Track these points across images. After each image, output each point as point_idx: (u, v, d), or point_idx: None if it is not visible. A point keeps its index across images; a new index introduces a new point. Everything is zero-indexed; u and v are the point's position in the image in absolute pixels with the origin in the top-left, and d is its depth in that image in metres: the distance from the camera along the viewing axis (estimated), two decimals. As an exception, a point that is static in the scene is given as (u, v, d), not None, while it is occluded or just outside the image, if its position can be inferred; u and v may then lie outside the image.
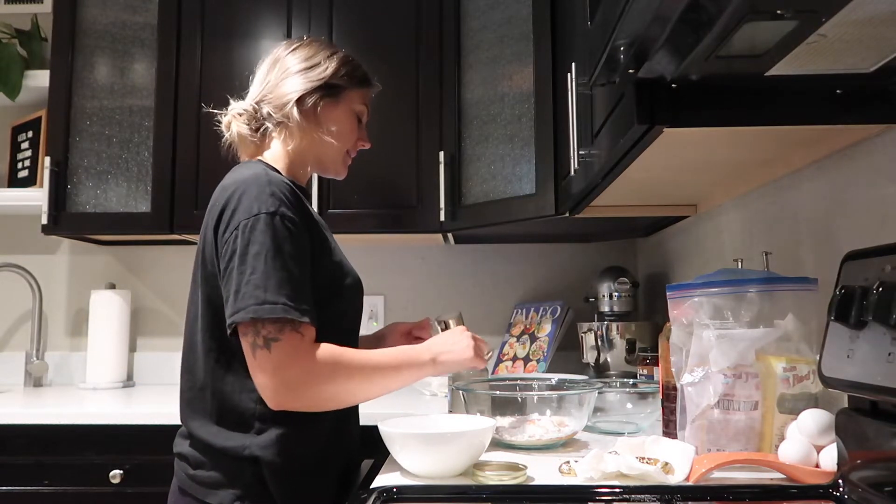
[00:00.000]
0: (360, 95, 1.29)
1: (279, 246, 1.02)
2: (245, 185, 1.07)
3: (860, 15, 0.69)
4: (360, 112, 1.30)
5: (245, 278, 1.01)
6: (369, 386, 1.09)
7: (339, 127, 1.25)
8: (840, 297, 0.83)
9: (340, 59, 1.26)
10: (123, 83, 2.15)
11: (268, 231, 1.02)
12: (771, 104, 0.94)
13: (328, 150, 1.25)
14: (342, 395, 1.07)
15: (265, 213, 1.03)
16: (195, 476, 1.07)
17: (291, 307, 1.00)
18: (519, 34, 1.88)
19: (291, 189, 1.10)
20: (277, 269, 1.01)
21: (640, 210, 1.74)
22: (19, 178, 2.37)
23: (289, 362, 1.00)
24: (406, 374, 1.12)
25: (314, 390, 1.03)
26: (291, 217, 1.05)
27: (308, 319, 1.02)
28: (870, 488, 0.79)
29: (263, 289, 1.00)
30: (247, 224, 1.03)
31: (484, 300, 2.43)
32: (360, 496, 0.91)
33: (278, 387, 1.01)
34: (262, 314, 0.99)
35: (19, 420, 1.74)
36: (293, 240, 1.04)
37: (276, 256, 1.02)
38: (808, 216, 1.21)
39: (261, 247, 1.02)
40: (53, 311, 2.45)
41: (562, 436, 1.23)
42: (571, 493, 0.93)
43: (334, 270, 1.15)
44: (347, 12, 2.14)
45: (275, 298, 1.00)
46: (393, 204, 2.10)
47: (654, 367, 1.51)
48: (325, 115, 1.23)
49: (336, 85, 1.24)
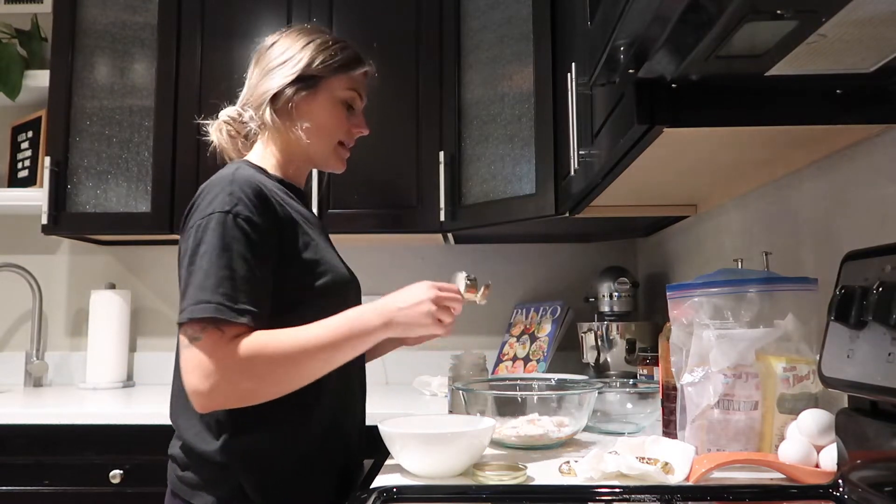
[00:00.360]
0: (343, 82, 1.22)
1: (227, 245, 1.00)
2: (210, 185, 1.07)
3: (860, 15, 0.69)
4: (348, 98, 1.23)
5: (191, 279, 1.00)
6: (300, 373, 1.02)
7: (320, 120, 1.20)
8: (840, 297, 0.83)
9: (316, 47, 1.20)
10: (123, 83, 2.15)
11: (217, 230, 1.01)
12: (771, 104, 0.94)
13: (314, 146, 1.21)
14: (268, 388, 1.01)
15: (218, 213, 1.02)
16: (183, 477, 1.07)
17: (225, 306, 0.97)
18: (519, 34, 1.88)
19: (258, 188, 1.06)
20: (220, 267, 0.99)
21: (640, 210, 1.74)
22: (19, 178, 2.37)
23: (205, 362, 0.96)
24: (350, 346, 1.05)
25: (234, 387, 0.98)
26: (247, 216, 1.02)
27: (245, 320, 0.98)
28: (870, 488, 0.79)
29: (201, 288, 0.98)
30: (200, 224, 1.02)
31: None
32: (360, 496, 0.91)
33: (197, 387, 0.97)
34: (195, 314, 0.97)
35: (19, 420, 1.74)
36: (246, 239, 1.01)
37: (220, 255, 0.99)
38: (808, 216, 1.21)
39: (208, 246, 1.00)
40: (53, 311, 2.45)
41: (562, 436, 1.23)
42: (571, 493, 0.93)
43: (308, 269, 1.11)
44: (347, 12, 2.14)
45: (209, 297, 0.97)
46: (393, 204, 2.10)
47: (654, 367, 1.51)
48: (303, 109, 1.19)
49: (311, 76, 1.19)
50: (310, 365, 1.03)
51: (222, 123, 1.22)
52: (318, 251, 1.14)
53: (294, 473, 1.07)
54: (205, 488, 1.04)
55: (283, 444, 1.07)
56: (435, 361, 2.33)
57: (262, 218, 1.04)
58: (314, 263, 1.12)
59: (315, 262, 1.12)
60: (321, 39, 1.21)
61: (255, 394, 1.01)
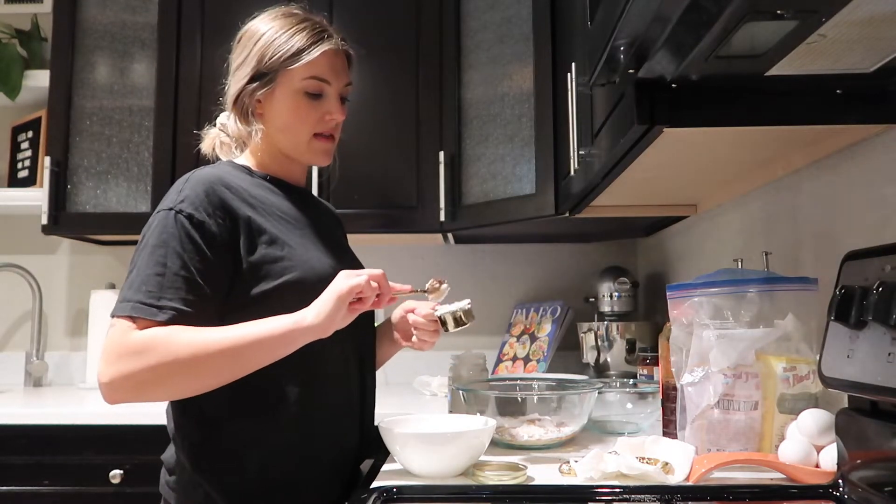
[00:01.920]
0: (301, 70, 1.13)
1: (163, 242, 1.00)
2: (172, 186, 1.08)
3: (860, 15, 0.69)
4: (309, 87, 1.14)
5: (127, 276, 1.02)
6: (202, 365, 0.96)
7: (282, 116, 1.15)
8: (840, 297, 0.83)
9: (266, 41, 1.13)
10: (123, 83, 2.15)
11: (157, 227, 1.02)
12: (771, 104, 0.94)
13: (286, 144, 1.18)
14: (164, 380, 0.96)
15: (163, 210, 1.03)
16: (168, 482, 1.10)
17: (145, 304, 0.97)
18: (519, 34, 1.88)
19: (209, 186, 1.04)
20: (152, 265, 0.99)
21: (640, 210, 1.74)
22: (19, 178, 2.37)
23: (106, 351, 0.97)
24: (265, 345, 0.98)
25: (122, 375, 0.95)
26: (189, 213, 1.01)
27: (165, 317, 0.96)
28: (870, 488, 0.79)
29: (129, 286, 0.99)
30: (150, 222, 1.04)
31: (484, 300, 2.42)
32: (360, 496, 0.91)
33: (98, 375, 0.97)
34: (116, 311, 0.99)
35: (19, 420, 1.74)
36: (185, 236, 1.00)
37: (154, 252, 1.00)
38: (808, 216, 1.21)
39: (145, 243, 1.02)
40: (53, 311, 2.45)
41: (562, 436, 1.23)
42: (571, 493, 0.93)
43: (266, 265, 1.06)
44: (347, 12, 2.13)
45: (132, 295, 0.98)
46: (393, 204, 2.10)
47: (654, 367, 1.51)
48: (265, 108, 1.16)
49: (265, 73, 1.13)
50: (212, 363, 0.97)
51: (218, 132, 1.23)
52: (286, 247, 1.08)
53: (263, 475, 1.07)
54: (187, 494, 1.06)
55: (249, 447, 1.06)
56: (435, 361, 2.33)
57: (208, 215, 1.02)
58: (276, 259, 1.07)
59: (278, 258, 1.07)
60: (274, 28, 1.14)
61: (148, 385, 0.96)
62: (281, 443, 1.07)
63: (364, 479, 1.13)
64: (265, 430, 1.07)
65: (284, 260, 1.07)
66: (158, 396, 1.02)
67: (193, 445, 1.06)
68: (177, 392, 1.02)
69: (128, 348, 0.96)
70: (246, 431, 1.06)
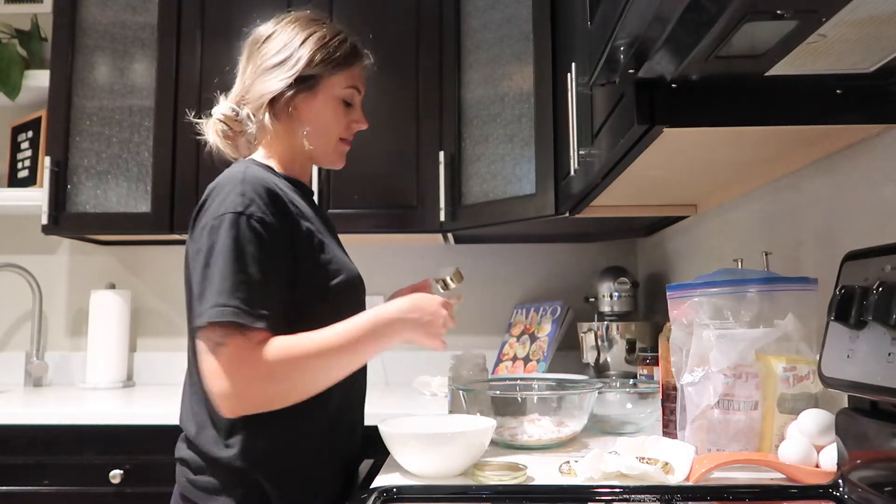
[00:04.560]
0: (342, 79, 1.19)
1: (241, 248, 0.99)
2: (221, 184, 1.05)
3: (860, 15, 0.69)
4: (346, 96, 1.20)
5: (207, 281, 0.98)
6: (325, 374, 1.03)
7: (319, 120, 1.18)
8: (840, 297, 0.83)
9: (315, 44, 1.16)
10: (123, 83, 2.15)
11: (230, 232, 0.99)
12: (771, 104, 0.94)
13: (316, 145, 1.20)
14: (293, 392, 1.02)
15: (231, 213, 1.00)
16: (196, 482, 1.05)
17: (243, 311, 0.96)
18: (519, 34, 1.88)
19: (270, 189, 1.05)
20: (236, 271, 0.98)
21: (640, 210, 1.74)
22: (19, 178, 2.37)
23: (233, 368, 0.96)
24: (370, 346, 1.06)
25: (261, 393, 0.99)
26: (260, 217, 1.01)
27: (263, 325, 0.97)
28: (870, 488, 0.79)
29: (219, 292, 0.97)
30: (213, 224, 1.01)
31: (484, 300, 2.43)
32: (360, 496, 0.91)
33: (225, 394, 0.96)
34: (214, 317, 0.96)
35: (19, 420, 1.74)
36: (259, 241, 1.00)
37: (237, 258, 0.98)
38: (808, 216, 1.21)
39: (222, 247, 0.99)
40: (53, 311, 2.45)
41: (562, 436, 1.23)
42: (571, 493, 0.93)
43: (321, 270, 1.10)
44: (347, 12, 2.14)
45: (227, 301, 0.96)
46: (393, 204, 2.10)
47: (654, 367, 1.51)
48: (302, 111, 1.17)
49: (311, 76, 1.16)
50: (333, 366, 1.03)
51: (216, 122, 1.18)
52: (330, 250, 1.13)
53: (305, 468, 1.07)
54: (221, 492, 1.03)
55: (294, 441, 1.07)
56: (435, 361, 2.33)
57: (274, 218, 1.03)
58: (328, 262, 1.11)
59: (328, 261, 1.11)
60: (319, 34, 1.18)
61: (282, 398, 1.01)
62: (320, 442, 1.10)
63: (364, 479, 1.13)
64: (307, 429, 1.08)
65: (332, 263, 1.11)
66: (284, 406, 1.02)
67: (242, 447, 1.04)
68: (300, 399, 1.04)
69: (256, 368, 0.97)
70: (288, 429, 1.06)
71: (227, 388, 0.96)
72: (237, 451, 1.03)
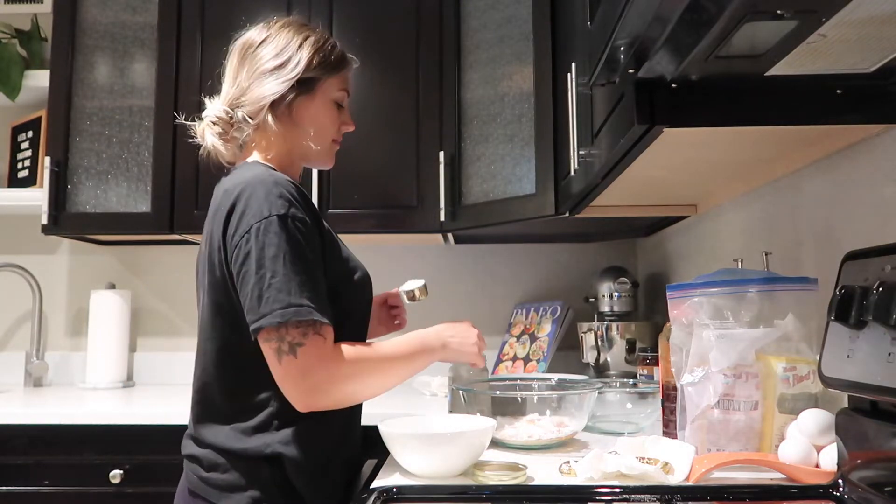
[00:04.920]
0: (337, 82, 1.22)
1: (295, 248, 1.02)
2: (251, 187, 1.05)
3: (860, 15, 0.69)
4: (339, 98, 1.23)
5: (266, 282, 1.00)
6: (387, 379, 1.11)
7: (318, 122, 1.21)
8: (840, 297, 0.83)
9: (313, 47, 1.18)
10: (123, 83, 2.15)
11: (282, 233, 1.01)
12: (771, 104, 0.94)
13: (312, 147, 1.21)
14: (365, 391, 1.10)
15: (277, 216, 1.02)
16: (208, 479, 1.06)
17: (314, 309, 1.01)
18: (519, 34, 1.88)
19: (298, 189, 1.09)
20: (297, 272, 1.01)
21: (640, 210, 1.74)
22: (19, 178, 2.37)
23: (316, 366, 1.01)
24: (419, 361, 1.15)
25: (341, 391, 1.05)
26: (302, 218, 1.05)
27: (328, 321, 1.02)
28: (870, 488, 0.79)
29: (287, 292, 0.99)
30: (259, 227, 1.02)
31: (484, 300, 2.43)
32: (360, 496, 0.91)
33: (308, 391, 1.01)
34: (288, 317, 0.98)
35: (19, 420, 1.74)
36: (306, 241, 1.04)
37: (294, 260, 1.01)
38: (808, 216, 1.21)
39: (277, 249, 1.01)
40: (53, 311, 2.45)
41: (562, 436, 1.23)
42: (571, 493, 0.93)
43: (343, 266, 1.15)
44: (347, 12, 2.14)
45: (299, 301, 1.00)
46: (393, 204, 2.10)
47: (654, 367, 1.51)
48: (301, 113, 1.19)
49: (310, 79, 1.18)
50: (393, 373, 1.12)
51: (210, 125, 1.18)
52: (344, 249, 1.18)
53: (322, 466, 1.09)
54: (241, 487, 1.04)
55: (318, 434, 1.09)
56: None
57: (310, 218, 1.08)
58: (346, 261, 1.16)
59: (348, 258, 1.17)
60: (314, 37, 1.20)
61: (357, 396, 1.09)
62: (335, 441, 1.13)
63: (364, 480, 1.14)
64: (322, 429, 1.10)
65: (351, 260, 1.18)
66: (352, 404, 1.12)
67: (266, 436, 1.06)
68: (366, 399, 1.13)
69: (339, 368, 1.04)
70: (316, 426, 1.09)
71: (311, 386, 1.01)
72: (264, 441, 1.05)
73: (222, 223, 1.06)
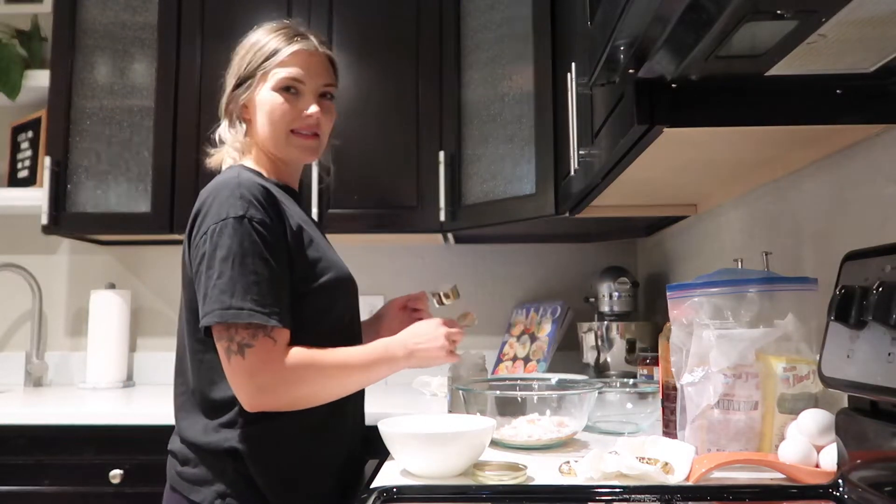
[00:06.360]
0: (276, 70, 1.18)
1: (247, 250, 1.03)
2: (217, 189, 1.08)
3: (860, 15, 0.69)
4: (284, 83, 1.18)
5: (212, 282, 1.02)
6: (342, 386, 1.11)
7: (262, 111, 1.19)
8: (840, 297, 0.83)
9: (247, 49, 1.21)
10: (123, 83, 2.15)
11: (235, 235, 1.03)
12: (771, 104, 0.94)
13: (269, 141, 1.20)
14: (319, 394, 1.09)
15: (233, 218, 1.04)
16: (182, 473, 1.09)
17: (258, 311, 1.01)
18: (519, 34, 1.88)
19: (264, 190, 1.09)
20: (245, 273, 1.02)
21: (640, 210, 1.74)
22: (19, 178, 2.37)
23: (262, 367, 1.02)
24: (380, 370, 1.14)
25: (289, 394, 1.05)
26: (261, 219, 1.06)
27: (277, 322, 1.03)
28: (870, 488, 0.79)
29: (230, 294, 1.01)
30: (215, 228, 1.04)
31: (484, 300, 2.42)
32: (360, 496, 0.91)
33: (253, 391, 1.03)
34: (227, 318, 1.01)
35: (19, 420, 1.74)
36: (263, 242, 1.05)
37: (242, 261, 1.03)
38: (808, 216, 1.21)
39: (227, 251, 1.03)
40: (53, 311, 2.45)
41: (562, 436, 1.23)
42: (571, 493, 0.93)
43: (311, 267, 1.13)
44: (347, 12, 2.13)
45: (240, 304, 1.01)
46: (393, 204, 2.10)
47: (654, 367, 1.51)
48: (252, 109, 1.21)
49: (246, 77, 1.20)
50: (349, 381, 1.11)
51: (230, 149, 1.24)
52: (320, 249, 1.16)
53: (291, 467, 1.09)
54: (208, 481, 1.06)
55: (288, 433, 1.09)
56: (435, 361, 2.33)
57: (272, 220, 1.07)
58: (317, 261, 1.14)
59: (318, 259, 1.15)
60: (255, 37, 1.22)
61: (307, 399, 1.08)
62: (305, 443, 1.12)
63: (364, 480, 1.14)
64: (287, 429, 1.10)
65: (322, 261, 1.16)
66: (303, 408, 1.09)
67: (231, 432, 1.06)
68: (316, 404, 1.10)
69: (285, 371, 1.04)
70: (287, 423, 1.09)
71: (256, 387, 1.02)
72: (225, 436, 1.06)
73: (189, 225, 1.10)
